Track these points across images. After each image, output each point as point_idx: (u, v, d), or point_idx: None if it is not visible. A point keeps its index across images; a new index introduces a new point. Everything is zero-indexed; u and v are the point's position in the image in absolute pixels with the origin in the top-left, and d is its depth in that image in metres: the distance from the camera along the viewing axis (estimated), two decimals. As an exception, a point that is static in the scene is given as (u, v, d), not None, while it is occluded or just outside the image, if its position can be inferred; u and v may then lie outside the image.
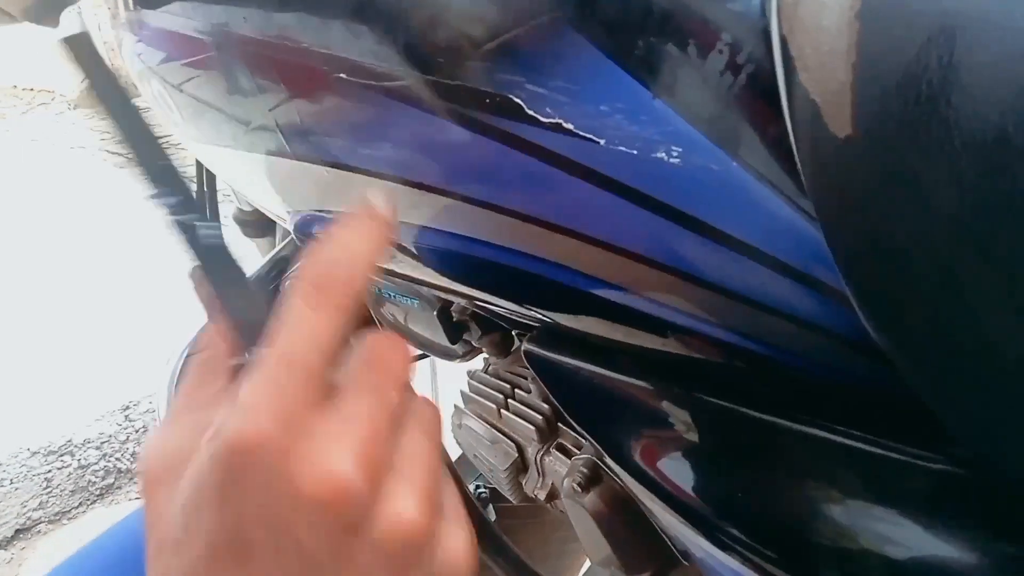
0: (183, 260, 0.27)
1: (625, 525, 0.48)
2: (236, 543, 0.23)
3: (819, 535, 0.29)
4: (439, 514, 0.25)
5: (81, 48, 0.28)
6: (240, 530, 0.22)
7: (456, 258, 0.34)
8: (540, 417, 0.57)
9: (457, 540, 0.26)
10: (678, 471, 0.35)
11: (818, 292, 0.22)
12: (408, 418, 0.26)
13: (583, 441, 0.54)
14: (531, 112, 0.25)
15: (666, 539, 0.44)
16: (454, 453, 0.69)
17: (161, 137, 0.28)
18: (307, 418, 0.23)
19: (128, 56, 0.47)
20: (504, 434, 0.61)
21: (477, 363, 0.67)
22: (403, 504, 0.24)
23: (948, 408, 0.22)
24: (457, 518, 0.26)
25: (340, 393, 0.24)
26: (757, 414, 0.29)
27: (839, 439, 0.27)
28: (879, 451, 0.26)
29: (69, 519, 1.81)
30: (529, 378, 0.60)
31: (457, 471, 0.69)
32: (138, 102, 0.29)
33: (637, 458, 0.38)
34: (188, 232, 0.26)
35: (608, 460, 0.45)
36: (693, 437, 0.34)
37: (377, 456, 0.24)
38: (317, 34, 0.30)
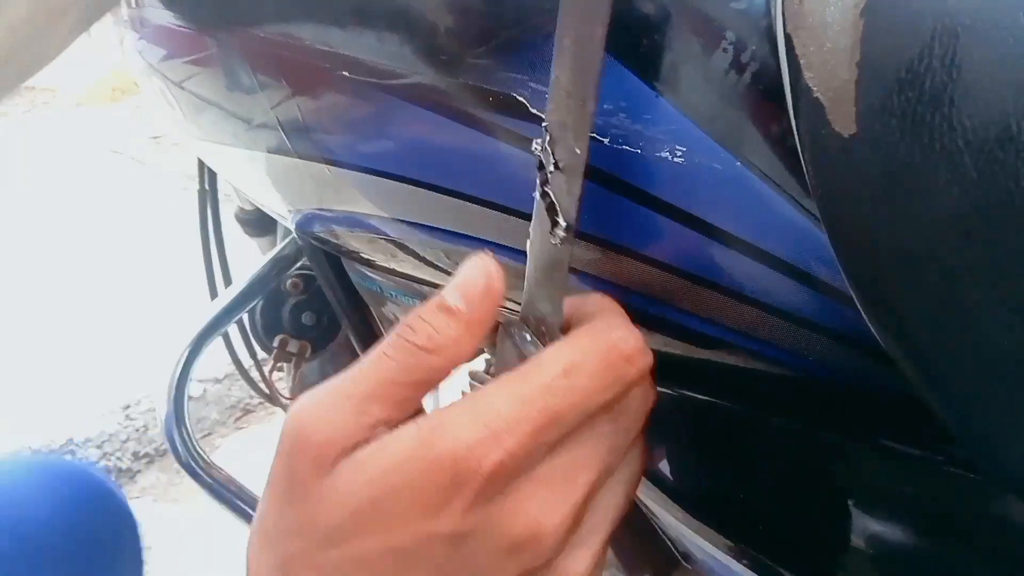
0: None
1: (625, 526, 0.48)
2: (414, 549, 0.22)
3: (823, 537, 0.29)
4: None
5: None
6: (425, 539, 0.22)
7: (457, 256, 0.34)
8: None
9: None
10: (680, 471, 0.35)
11: (820, 292, 0.22)
12: (621, 472, 0.25)
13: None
14: (534, 110, 0.25)
15: (667, 540, 0.44)
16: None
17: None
18: (538, 463, 0.23)
19: (130, 53, 0.48)
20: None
21: (478, 364, 0.67)
22: (578, 565, 0.24)
23: (950, 409, 0.21)
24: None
25: (579, 437, 0.23)
26: (760, 414, 0.29)
27: (841, 440, 0.27)
28: (883, 453, 0.26)
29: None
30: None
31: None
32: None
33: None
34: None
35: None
36: (695, 437, 0.34)
37: (582, 515, 0.23)
38: (320, 31, 0.30)
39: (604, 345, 0.23)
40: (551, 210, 0.23)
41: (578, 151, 0.22)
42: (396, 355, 0.23)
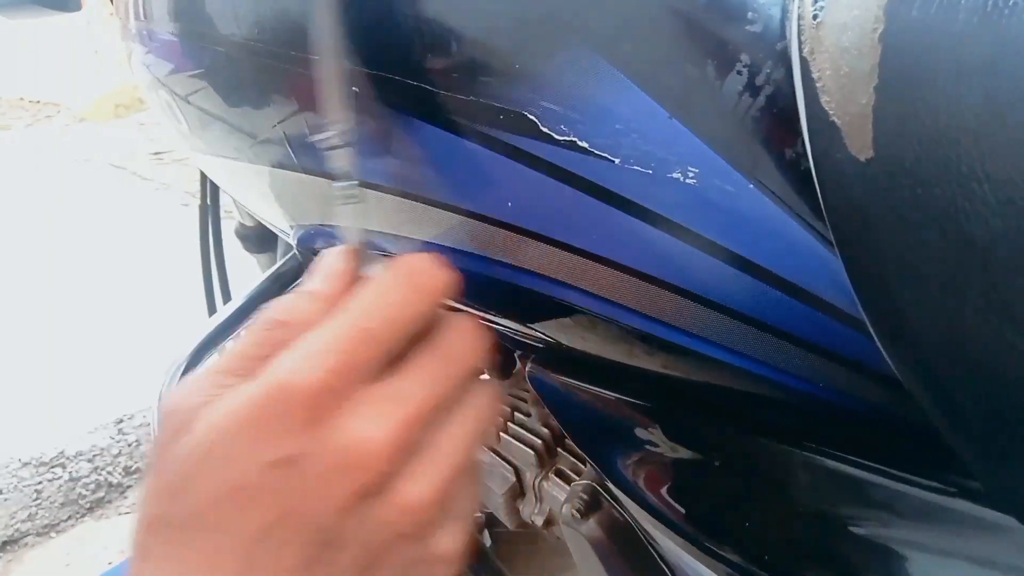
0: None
1: (624, 554, 0.47)
2: (250, 482, 0.23)
3: (828, 566, 0.28)
4: (448, 507, 0.25)
5: None
6: (259, 470, 0.22)
7: (461, 275, 0.34)
8: (539, 441, 0.56)
9: (452, 541, 0.26)
10: (682, 497, 0.35)
11: (833, 317, 0.22)
12: (462, 406, 0.26)
13: (582, 467, 0.53)
14: (545, 129, 0.24)
15: (666, 570, 0.43)
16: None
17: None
18: (360, 383, 0.23)
19: (137, 66, 0.48)
20: (502, 458, 0.60)
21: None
22: (418, 488, 0.24)
23: (964, 438, 0.21)
24: (463, 518, 0.26)
25: (401, 368, 0.25)
26: (767, 440, 0.29)
27: (851, 468, 0.27)
28: (893, 481, 0.26)
29: (57, 532, 1.79)
30: (529, 401, 0.60)
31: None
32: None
33: (640, 483, 0.38)
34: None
35: (609, 486, 0.45)
36: (698, 463, 0.34)
37: (411, 436, 0.24)
38: (335, 48, 0.30)
39: (401, 266, 0.25)
40: None
41: None
42: (255, 331, 0.26)
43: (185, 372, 0.63)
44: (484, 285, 0.33)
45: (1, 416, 2.02)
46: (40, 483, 1.82)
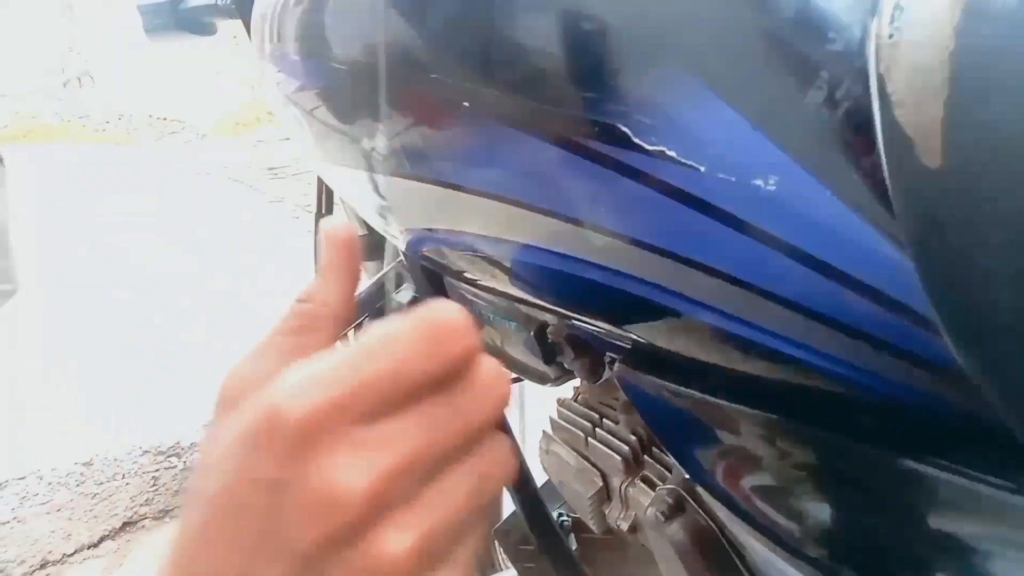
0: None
1: (707, 558, 0.48)
2: (242, 490, 0.23)
3: (920, 570, 0.29)
4: (436, 558, 0.25)
5: None
6: (249, 482, 0.23)
7: (557, 277, 0.36)
8: (627, 448, 0.58)
9: None
10: (772, 500, 0.36)
11: (908, 319, 0.23)
12: (467, 458, 0.25)
13: (668, 474, 0.54)
14: (637, 140, 0.27)
15: (745, 574, 0.44)
16: (540, 478, 0.70)
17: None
18: (354, 422, 0.23)
19: (269, 85, 0.53)
20: (590, 463, 0.62)
21: (566, 391, 0.69)
22: (397, 539, 0.23)
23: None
24: (457, 567, 0.25)
25: (404, 413, 0.24)
26: (856, 443, 0.30)
27: (939, 472, 0.27)
28: (978, 484, 0.26)
29: (171, 517, 1.91)
30: (618, 408, 0.61)
31: (541, 498, 0.70)
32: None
33: (728, 485, 0.38)
34: None
35: (695, 490, 0.46)
36: (789, 466, 0.35)
37: (393, 486, 0.23)
38: (446, 66, 0.33)
39: (423, 318, 0.24)
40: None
41: None
42: (284, 313, 0.29)
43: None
44: (578, 288, 0.35)
45: (127, 407, 2.17)
46: (158, 471, 1.95)
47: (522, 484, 0.68)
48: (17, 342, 2.76)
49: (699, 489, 0.42)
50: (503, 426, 0.27)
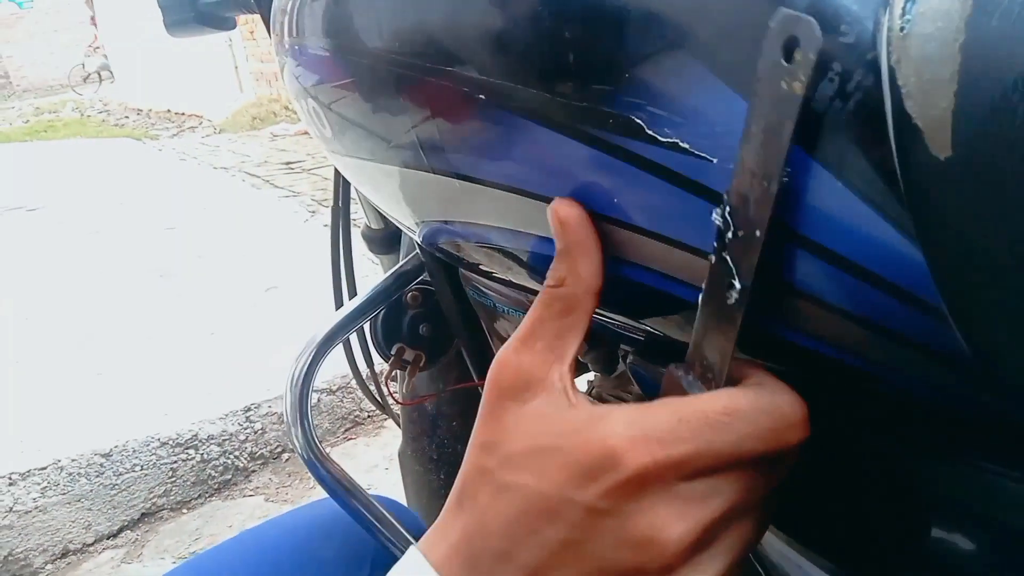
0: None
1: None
2: (553, 505, 0.26)
3: (939, 567, 0.29)
4: None
5: None
6: (562, 500, 0.26)
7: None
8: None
9: None
10: (788, 494, 0.36)
11: (919, 309, 0.23)
12: (754, 511, 0.28)
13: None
14: (651, 132, 0.27)
15: (760, 569, 0.44)
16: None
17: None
18: (681, 479, 0.25)
19: (288, 78, 0.53)
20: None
21: (580, 384, 0.69)
22: None
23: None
24: None
25: (722, 471, 0.26)
26: (871, 435, 0.30)
27: (953, 465, 0.27)
28: (992, 476, 0.26)
29: (188, 509, 1.93)
30: (632, 401, 0.62)
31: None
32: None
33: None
34: None
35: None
36: (802, 459, 0.35)
37: (705, 537, 0.26)
38: (462, 59, 0.33)
39: (770, 403, 0.26)
40: (727, 272, 0.26)
41: (759, 226, 0.25)
42: (538, 299, 0.30)
43: (313, 363, 0.68)
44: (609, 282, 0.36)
45: (146, 398, 2.19)
46: (175, 462, 1.98)
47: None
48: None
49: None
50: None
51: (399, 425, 0.99)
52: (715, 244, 0.27)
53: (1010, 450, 0.26)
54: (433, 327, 0.74)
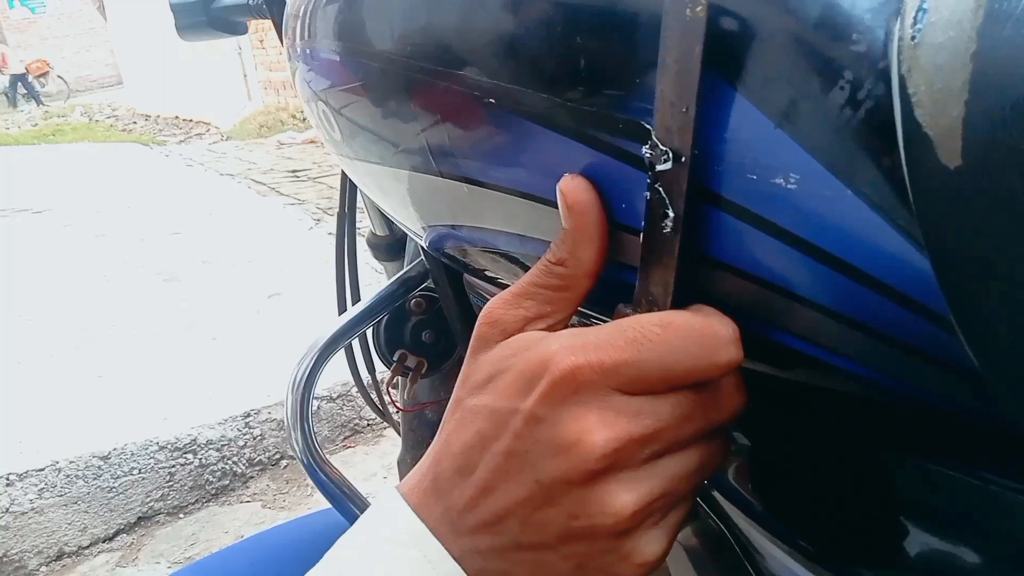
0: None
1: (719, 562, 0.48)
2: (503, 418, 0.28)
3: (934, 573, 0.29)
4: (645, 527, 0.28)
5: None
6: (509, 411, 0.28)
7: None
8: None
9: (650, 550, 0.28)
10: (781, 499, 0.36)
11: (926, 318, 0.23)
12: (695, 447, 0.29)
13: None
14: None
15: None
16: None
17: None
18: (612, 389, 0.27)
19: (299, 82, 0.54)
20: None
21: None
22: (619, 496, 0.27)
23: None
24: (667, 533, 0.29)
25: (656, 395, 0.27)
26: (875, 445, 0.30)
27: (947, 471, 0.27)
28: (995, 488, 0.26)
29: (185, 514, 1.93)
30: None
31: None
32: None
33: (739, 486, 0.39)
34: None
35: (709, 492, 0.46)
36: (797, 464, 0.35)
37: (632, 450, 0.27)
38: (472, 63, 0.33)
39: (703, 322, 0.27)
40: (661, 203, 0.27)
41: (683, 153, 0.26)
42: (538, 267, 0.31)
43: (315, 367, 0.68)
44: (599, 285, 0.36)
45: (145, 402, 2.19)
46: (173, 467, 1.97)
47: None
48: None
49: (713, 492, 0.42)
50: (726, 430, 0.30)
51: (399, 433, 0.99)
52: (648, 178, 0.27)
53: (1011, 460, 0.26)
54: (436, 334, 0.75)
